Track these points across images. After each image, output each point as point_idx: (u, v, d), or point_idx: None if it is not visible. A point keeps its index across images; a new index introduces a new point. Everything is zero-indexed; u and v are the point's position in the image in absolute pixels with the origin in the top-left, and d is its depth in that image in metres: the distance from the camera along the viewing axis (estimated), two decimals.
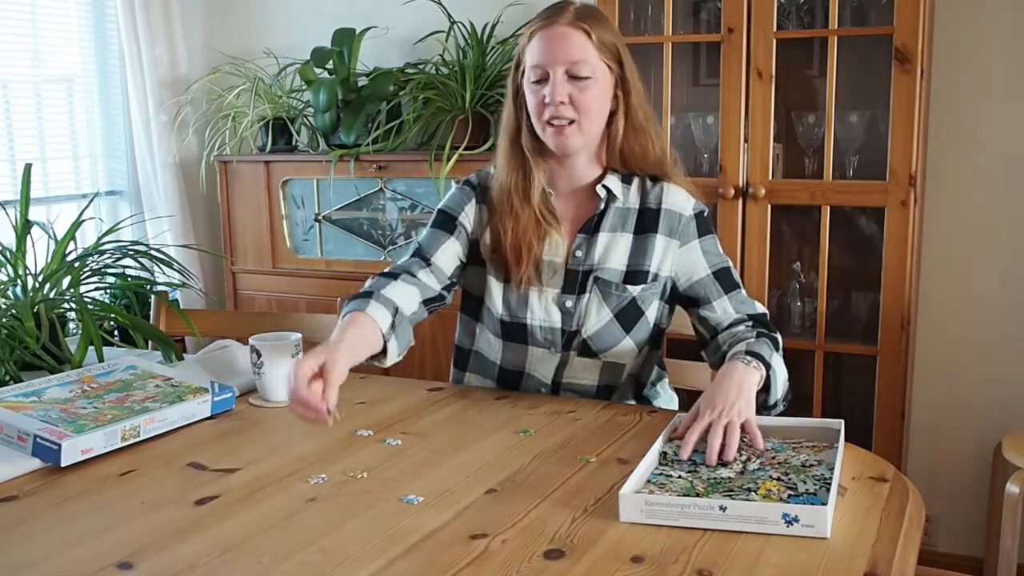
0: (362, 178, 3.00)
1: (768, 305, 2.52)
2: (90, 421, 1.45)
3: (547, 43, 1.59)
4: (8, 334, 1.76)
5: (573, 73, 1.58)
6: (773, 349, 1.55)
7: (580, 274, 1.67)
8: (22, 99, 3.13)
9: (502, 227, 1.67)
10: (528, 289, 1.67)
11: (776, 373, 1.52)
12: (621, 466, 1.35)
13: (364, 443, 1.47)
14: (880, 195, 2.37)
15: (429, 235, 1.73)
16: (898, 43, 2.29)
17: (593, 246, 1.67)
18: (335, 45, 3.10)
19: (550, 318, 1.68)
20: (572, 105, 1.59)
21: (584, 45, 1.59)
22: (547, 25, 1.60)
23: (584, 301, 1.66)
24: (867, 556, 1.07)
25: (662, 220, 1.67)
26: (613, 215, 1.68)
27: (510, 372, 1.75)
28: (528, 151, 1.67)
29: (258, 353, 1.66)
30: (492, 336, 1.74)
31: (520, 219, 1.66)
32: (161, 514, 1.21)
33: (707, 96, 2.65)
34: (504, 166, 1.69)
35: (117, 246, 1.98)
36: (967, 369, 2.64)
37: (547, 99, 1.59)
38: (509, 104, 1.70)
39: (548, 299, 1.68)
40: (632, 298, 1.66)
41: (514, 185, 1.67)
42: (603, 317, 1.66)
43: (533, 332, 1.69)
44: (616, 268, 1.66)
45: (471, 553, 1.09)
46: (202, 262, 3.41)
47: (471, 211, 1.73)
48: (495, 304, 1.70)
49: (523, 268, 1.65)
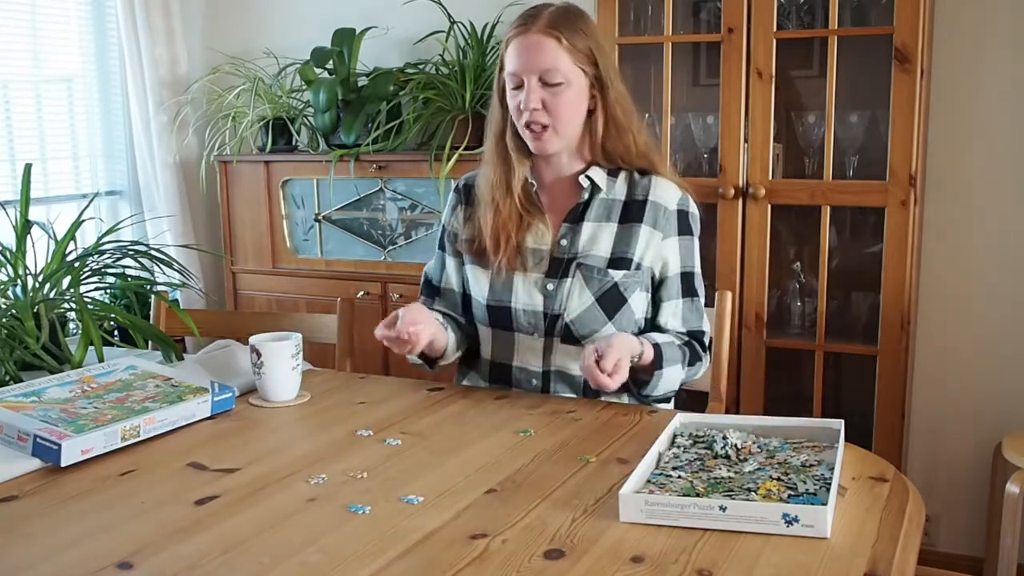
0: (362, 178, 3.00)
1: (768, 305, 2.52)
2: (90, 421, 1.45)
3: (520, 51, 1.65)
4: (8, 334, 1.76)
5: (546, 80, 1.64)
6: (680, 361, 1.67)
7: (564, 261, 1.72)
8: (22, 99, 3.13)
9: (482, 219, 1.75)
10: (513, 274, 1.73)
11: (662, 375, 1.64)
12: (621, 466, 1.35)
13: (364, 443, 1.47)
14: (880, 195, 2.37)
15: (434, 260, 1.88)
16: (898, 43, 2.29)
17: (578, 235, 1.72)
18: (335, 45, 3.10)
19: (532, 301, 1.72)
20: (546, 111, 1.65)
21: (555, 53, 1.63)
22: (520, 33, 1.66)
23: (567, 285, 1.70)
24: (867, 556, 1.07)
25: (647, 211, 1.71)
26: (598, 206, 1.73)
27: (500, 366, 1.78)
28: (511, 149, 1.73)
29: (258, 353, 1.66)
30: (482, 327, 1.79)
31: (501, 211, 1.73)
32: (161, 514, 1.21)
33: (707, 96, 2.65)
34: (489, 162, 1.77)
35: (117, 246, 1.98)
36: (967, 369, 2.64)
37: (522, 106, 1.65)
38: (495, 103, 1.75)
39: (531, 283, 1.72)
40: (615, 283, 1.69)
41: (497, 180, 1.74)
42: (585, 301, 1.69)
43: (517, 315, 1.73)
44: (600, 255, 1.71)
45: (471, 553, 1.09)
46: (202, 262, 3.41)
47: (457, 217, 1.84)
48: (481, 291, 1.76)
49: (501, 254, 1.72)
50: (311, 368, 1.93)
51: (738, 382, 2.55)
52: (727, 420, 1.46)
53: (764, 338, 2.53)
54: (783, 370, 2.62)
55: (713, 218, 2.51)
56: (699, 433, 1.41)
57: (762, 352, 2.53)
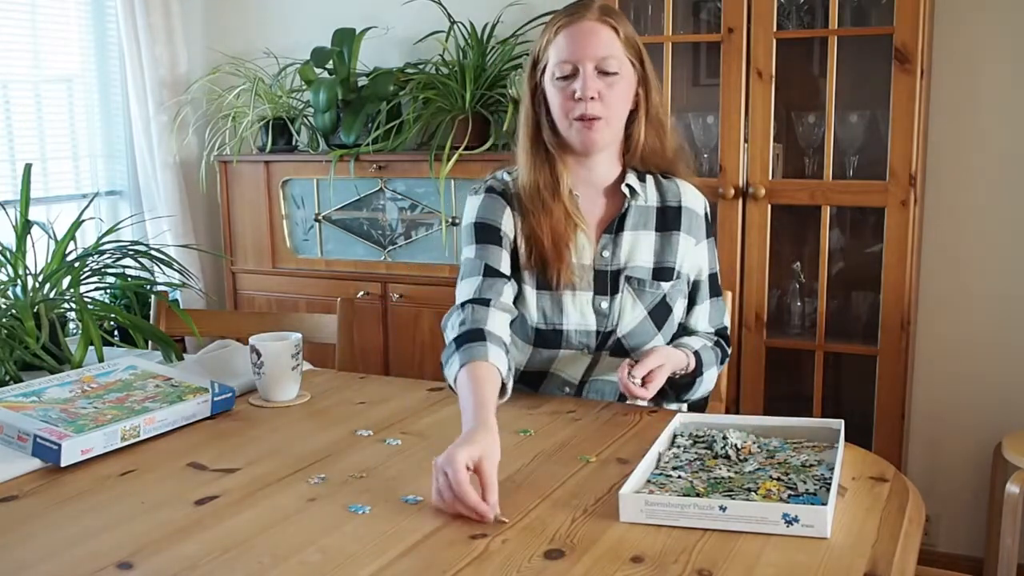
0: (362, 178, 3.00)
1: (768, 305, 2.52)
2: (90, 421, 1.45)
3: (575, 38, 1.58)
4: (8, 334, 1.76)
5: (602, 68, 1.58)
6: (715, 362, 1.71)
7: (609, 274, 1.67)
8: (22, 99, 3.13)
9: (538, 227, 1.63)
10: (562, 293, 1.65)
11: (703, 380, 1.69)
12: (621, 466, 1.35)
13: (364, 443, 1.47)
14: (880, 195, 2.37)
15: (483, 251, 1.64)
16: (898, 43, 2.29)
17: (619, 246, 1.67)
18: (335, 45, 3.10)
19: (586, 321, 1.66)
20: (600, 101, 1.58)
21: (612, 40, 1.59)
22: (574, 20, 1.59)
23: (618, 301, 1.66)
24: (867, 556, 1.07)
25: (683, 219, 1.70)
26: (635, 213, 1.69)
27: (532, 374, 1.72)
28: (552, 147, 1.65)
29: (258, 353, 1.66)
30: (521, 342, 1.70)
31: (554, 214, 1.63)
32: (161, 514, 1.21)
33: (707, 96, 2.65)
34: (527, 165, 1.66)
35: (117, 246, 1.98)
36: (967, 369, 2.64)
37: (577, 94, 1.57)
38: (527, 103, 1.67)
39: (583, 302, 1.66)
40: (664, 295, 1.68)
41: (544, 182, 1.64)
42: (637, 315, 1.67)
43: (568, 337, 1.67)
44: (644, 266, 1.67)
45: (471, 553, 1.09)
46: (202, 262, 3.41)
47: (508, 220, 1.68)
48: (530, 313, 1.66)
49: (564, 264, 1.63)
50: (311, 368, 1.93)
51: (738, 382, 2.55)
52: (727, 420, 1.46)
53: (764, 338, 2.53)
54: (783, 370, 2.62)
55: (713, 218, 2.51)
56: (699, 433, 1.41)
57: (762, 352, 2.53)
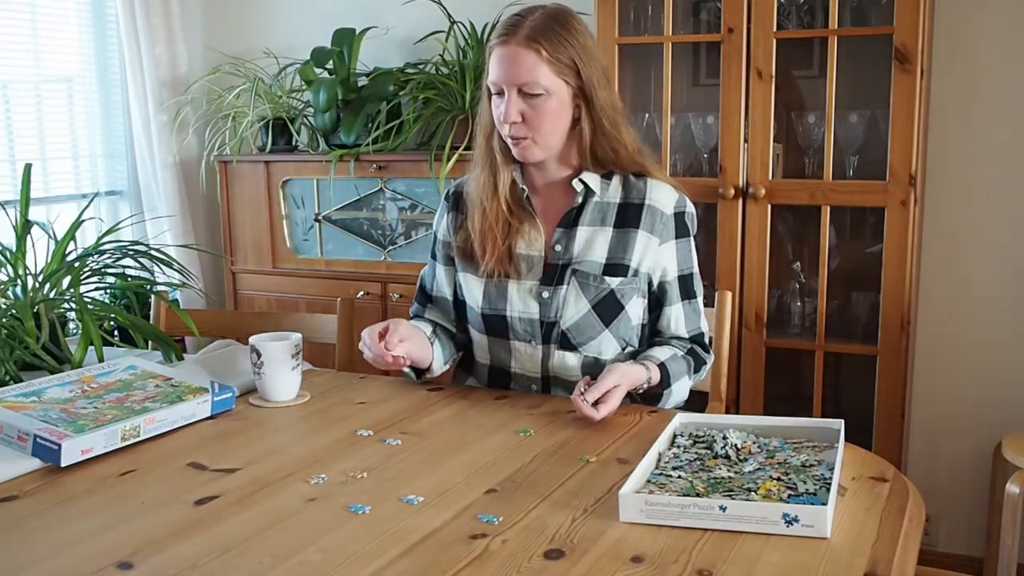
0: (362, 178, 3.00)
1: (768, 305, 2.52)
2: (90, 421, 1.45)
3: (500, 62, 1.62)
4: (8, 334, 1.76)
5: (525, 92, 1.61)
6: (687, 372, 1.70)
7: (559, 267, 1.70)
8: (22, 99, 3.13)
9: (470, 222, 1.74)
10: (507, 281, 1.71)
11: (671, 392, 1.68)
12: (621, 466, 1.35)
13: (364, 443, 1.47)
14: (880, 195, 2.37)
15: (428, 269, 1.87)
16: (898, 43, 2.29)
17: (572, 240, 1.70)
18: (335, 45, 3.10)
19: (528, 309, 1.70)
20: (525, 123, 1.62)
21: (535, 65, 1.59)
22: (501, 44, 1.62)
23: (562, 292, 1.69)
24: (867, 556, 1.07)
25: (644, 216, 1.69)
26: (592, 209, 1.71)
27: (498, 371, 1.77)
28: (497, 151, 1.71)
29: (258, 353, 1.66)
30: (477, 334, 1.78)
31: (487, 214, 1.70)
32: (161, 514, 1.21)
33: (707, 96, 2.65)
34: (478, 164, 1.75)
35: (117, 246, 1.98)
36: (967, 369, 2.64)
37: (501, 117, 1.63)
38: (484, 104, 1.72)
39: (525, 290, 1.71)
40: (611, 290, 1.68)
41: (485, 181, 1.72)
42: (581, 308, 1.68)
43: (513, 324, 1.72)
44: (596, 261, 1.69)
45: (471, 553, 1.09)
46: (202, 262, 3.41)
47: (446, 224, 1.82)
48: (475, 299, 1.74)
49: (490, 258, 1.70)
50: (311, 368, 1.93)
51: (738, 382, 2.55)
52: (727, 420, 1.46)
53: (764, 338, 2.53)
54: (783, 370, 2.62)
55: (713, 218, 2.51)
56: (699, 433, 1.41)
57: (762, 352, 2.53)
